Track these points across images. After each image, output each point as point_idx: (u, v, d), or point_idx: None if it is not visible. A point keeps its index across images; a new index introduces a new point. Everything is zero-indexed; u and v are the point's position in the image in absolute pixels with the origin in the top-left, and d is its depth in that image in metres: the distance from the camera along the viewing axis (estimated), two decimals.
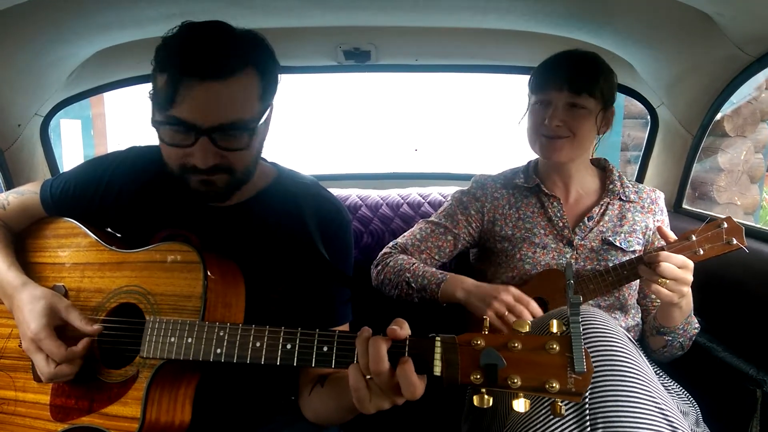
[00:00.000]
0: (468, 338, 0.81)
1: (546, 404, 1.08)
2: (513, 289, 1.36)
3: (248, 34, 1.06)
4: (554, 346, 0.78)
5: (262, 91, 1.06)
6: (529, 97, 1.58)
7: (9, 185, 1.88)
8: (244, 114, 1.04)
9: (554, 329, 0.79)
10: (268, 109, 1.12)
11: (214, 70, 0.99)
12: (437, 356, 0.82)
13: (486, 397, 0.79)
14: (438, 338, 0.83)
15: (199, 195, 1.11)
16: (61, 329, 1.09)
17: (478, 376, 0.79)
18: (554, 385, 0.77)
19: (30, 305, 1.09)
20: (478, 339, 0.81)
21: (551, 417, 1.06)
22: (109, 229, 1.27)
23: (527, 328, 0.81)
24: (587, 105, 1.47)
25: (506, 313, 1.32)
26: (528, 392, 0.78)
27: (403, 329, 0.85)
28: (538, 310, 1.33)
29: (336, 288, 1.20)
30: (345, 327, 1.23)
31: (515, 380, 0.77)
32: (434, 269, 1.54)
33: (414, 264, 1.56)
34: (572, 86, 1.46)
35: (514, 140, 1.68)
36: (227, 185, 1.11)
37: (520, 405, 0.78)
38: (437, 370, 0.81)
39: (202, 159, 1.03)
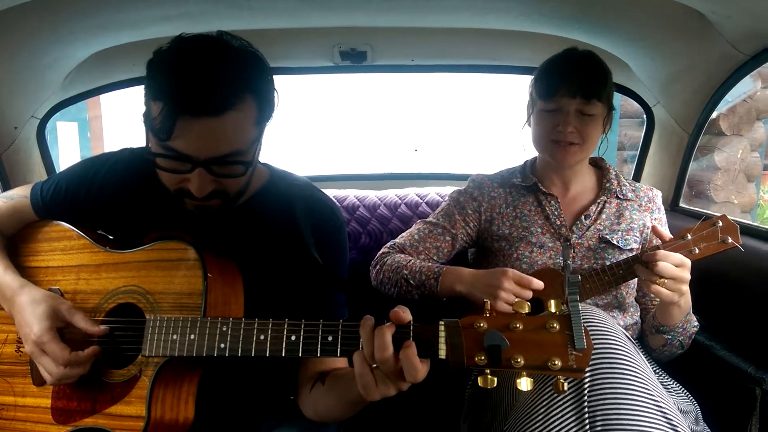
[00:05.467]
0: (471, 321, 0.83)
1: (545, 401, 1.09)
2: (512, 272, 1.35)
3: (246, 55, 1.03)
4: (554, 324, 0.80)
5: (259, 116, 1.04)
6: (533, 101, 1.56)
7: (6, 187, 1.88)
8: (241, 144, 1.03)
9: (553, 309, 0.82)
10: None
11: (211, 106, 0.96)
12: (442, 340, 0.84)
13: (490, 377, 0.82)
14: (442, 322, 0.85)
15: (193, 216, 1.12)
16: (61, 331, 1.09)
17: (483, 358, 0.81)
18: (556, 362, 0.79)
19: (31, 308, 1.09)
20: (480, 321, 0.83)
21: (551, 414, 1.07)
22: (100, 231, 1.26)
23: (527, 309, 0.83)
24: (596, 111, 1.47)
25: (515, 300, 1.32)
26: (531, 371, 0.81)
27: (405, 313, 0.86)
28: (541, 286, 1.33)
29: (330, 290, 1.21)
30: None
31: (518, 360, 0.80)
32: (430, 264, 1.54)
33: (411, 261, 1.56)
34: (584, 92, 1.45)
35: (511, 140, 1.68)
36: (220, 207, 1.11)
37: (523, 384, 0.81)
38: (442, 353, 0.83)
39: (198, 188, 1.03)
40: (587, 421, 1.04)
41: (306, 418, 1.17)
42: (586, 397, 1.05)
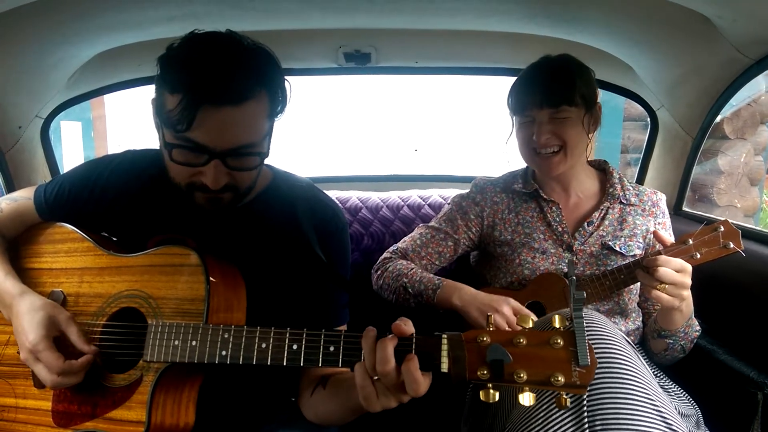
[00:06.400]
0: (474, 335, 0.83)
1: (545, 405, 1.09)
2: (513, 302, 1.36)
3: (258, 51, 1.04)
4: (558, 340, 0.80)
5: (271, 109, 1.06)
6: (511, 117, 1.58)
7: (10, 187, 1.88)
8: (255, 136, 1.05)
9: (557, 324, 0.81)
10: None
11: (231, 95, 0.98)
12: (444, 353, 0.83)
13: (492, 392, 0.81)
14: (444, 336, 0.84)
15: (204, 210, 1.12)
16: (59, 339, 1.08)
17: (485, 372, 0.81)
18: (559, 378, 0.79)
19: (29, 315, 1.08)
20: (483, 335, 0.82)
21: (550, 418, 1.07)
22: (104, 233, 1.26)
23: (531, 324, 0.83)
24: (570, 114, 1.47)
25: (506, 327, 1.32)
26: (534, 386, 0.80)
27: (407, 325, 0.86)
28: None
29: (333, 290, 1.21)
30: (342, 329, 1.23)
31: (521, 375, 0.79)
32: (431, 275, 1.54)
33: (412, 269, 1.56)
34: (550, 102, 1.46)
35: (503, 153, 1.68)
36: (231, 201, 1.12)
37: (525, 399, 0.80)
38: (444, 366, 0.83)
39: (213, 180, 1.04)
40: (586, 424, 1.04)
41: (307, 420, 1.18)
42: (585, 400, 1.05)
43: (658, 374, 1.48)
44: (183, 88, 0.98)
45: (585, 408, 1.05)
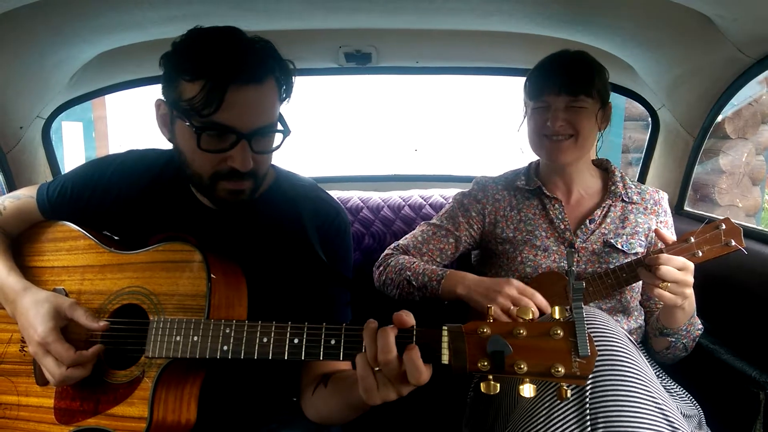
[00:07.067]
0: (474, 327, 0.83)
1: (547, 403, 1.09)
2: (516, 282, 1.35)
3: (259, 39, 1.07)
4: (558, 331, 0.80)
5: (279, 93, 1.09)
6: (526, 103, 1.58)
7: (11, 187, 1.89)
8: (274, 116, 1.08)
9: (557, 315, 0.81)
10: None
11: (254, 74, 1.01)
12: (444, 345, 0.84)
13: (493, 383, 0.81)
14: (445, 327, 0.85)
15: (224, 203, 1.13)
16: (65, 331, 1.09)
17: (485, 363, 0.81)
18: (560, 369, 0.79)
19: (34, 309, 1.09)
20: (484, 327, 0.83)
21: (552, 416, 1.07)
22: (106, 232, 1.27)
23: (531, 315, 0.83)
24: (585, 104, 1.47)
25: (511, 307, 1.32)
26: (534, 377, 0.80)
27: (408, 317, 0.87)
28: (543, 302, 1.33)
29: (335, 290, 1.21)
30: None
31: (521, 366, 0.79)
32: (434, 267, 1.54)
33: (414, 263, 1.56)
34: (569, 90, 1.46)
35: (514, 141, 1.68)
36: (251, 191, 1.13)
37: (526, 390, 0.80)
38: (445, 358, 0.83)
39: (242, 162, 1.06)
40: (588, 422, 1.03)
41: (308, 420, 1.18)
42: (587, 399, 1.05)
43: (660, 374, 1.48)
44: (206, 73, 1.00)
45: (588, 405, 1.04)
